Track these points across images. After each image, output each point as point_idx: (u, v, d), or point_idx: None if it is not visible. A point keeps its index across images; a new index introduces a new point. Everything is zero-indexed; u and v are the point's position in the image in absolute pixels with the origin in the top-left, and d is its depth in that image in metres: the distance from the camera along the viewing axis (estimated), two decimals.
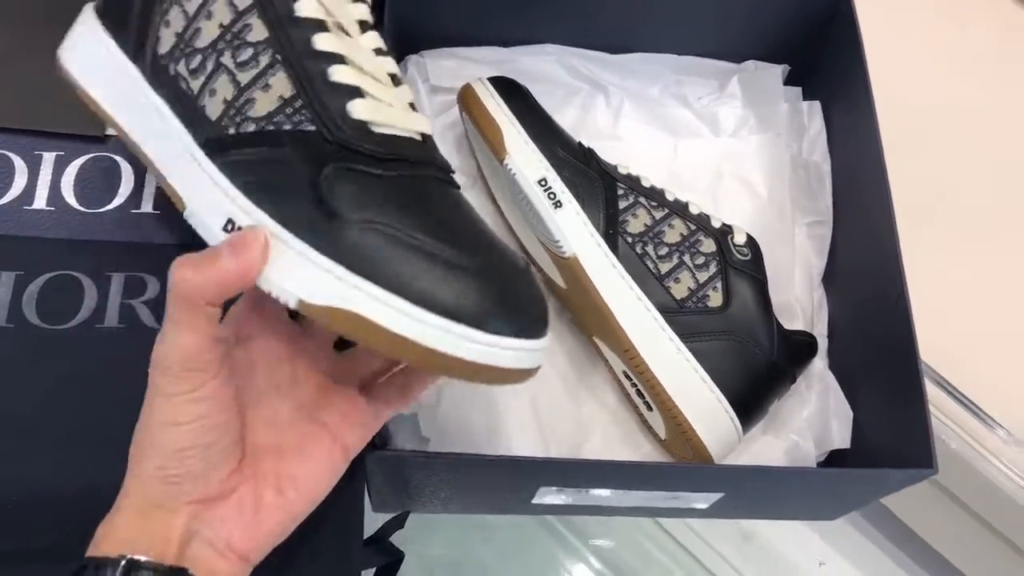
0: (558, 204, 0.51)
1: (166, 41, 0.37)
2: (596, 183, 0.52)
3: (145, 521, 0.34)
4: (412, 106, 0.38)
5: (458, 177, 0.59)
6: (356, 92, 0.36)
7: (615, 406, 0.56)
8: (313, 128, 0.35)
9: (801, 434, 0.55)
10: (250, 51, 0.36)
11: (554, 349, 0.56)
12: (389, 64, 0.38)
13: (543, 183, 0.51)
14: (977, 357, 0.68)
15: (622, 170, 0.54)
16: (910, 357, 0.48)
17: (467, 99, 0.55)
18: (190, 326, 0.33)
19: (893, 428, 0.50)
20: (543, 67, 0.61)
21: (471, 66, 0.60)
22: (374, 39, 0.39)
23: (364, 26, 0.39)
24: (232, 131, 0.36)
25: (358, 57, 0.37)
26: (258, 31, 0.36)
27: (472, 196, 0.59)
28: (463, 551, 0.71)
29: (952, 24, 0.98)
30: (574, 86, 0.62)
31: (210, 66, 0.36)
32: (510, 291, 0.34)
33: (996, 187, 0.80)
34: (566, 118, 0.59)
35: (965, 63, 0.93)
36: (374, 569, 0.50)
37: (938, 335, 0.56)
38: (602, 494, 0.49)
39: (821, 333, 0.58)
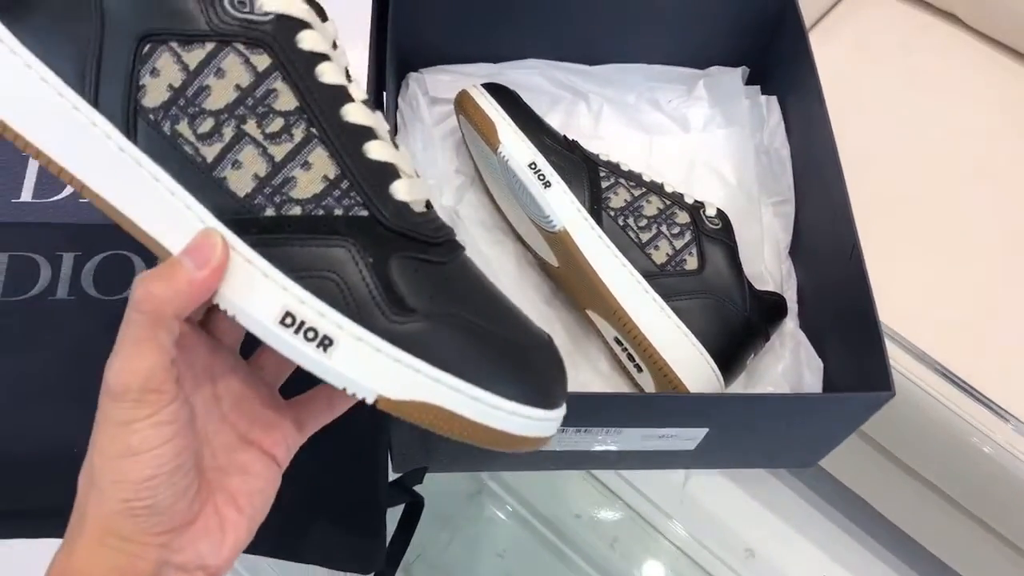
0: (547, 184, 0.58)
1: (155, 93, 0.34)
2: (580, 167, 0.59)
3: (112, 555, 0.32)
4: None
5: (456, 176, 0.67)
6: (394, 171, 0.35)
7: (608, 372, 0.62)
8: (366, 214, 0.34)
9: (778, 386, 0.60)
10: (280, 122, 0.34)
11: (552, 322, 0.62)
12: (382, 119, 0.37)
13: (533, 166, 0.58)
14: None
15: (603, 157, 0.61)
16: (866, 306, 0.54)
17: (463, 102, 0.62)
18: (153, 344, 0.32)
19: (858, 371, 0.56)
20: (529, 79, 0.69)
21: (465, 80, 0.67)
22: (361, 91, 0.37)
23: (348, 76, 0.37)
24: (271, 212, 0.33)
25: (380, 126, 0.36)
26: (286, 99, 0.34)
27: (471, 193, 0.66)
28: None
29: (900, 38, 1.08)
30: (558, 95, 0.69)
31: (229, 133, 0.34)
32: (547, 369, 0.35)
33: (936, 172, 0.90)
34: (552, 122, 0.66)
35: (909, 73, 1.03)
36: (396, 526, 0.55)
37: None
38: (601, 435, 0.54)
39: (791, 299, 0.64)
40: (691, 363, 0.56)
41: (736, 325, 0.57)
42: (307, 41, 0.34)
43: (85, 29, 0.33)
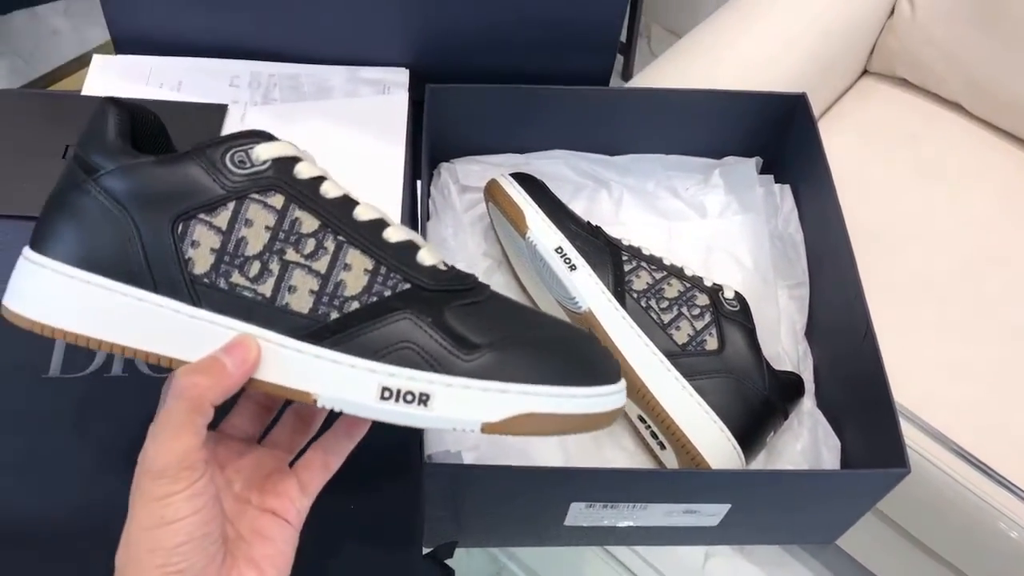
0: (573, 267, 0.61)
1: (202, 260, 0.38)
2: (604, 251, 0.62)
3: None
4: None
5: (484, 259, 0.70)
6: (414, 245, 0.41)
7: (632, 449, 0.64)
8: (409, 285, 0.39)
9: (796, 464, 0.62)
10: (312, 242, 0.39)
11: None
12: (384, 209, 0.42)
13: (559, 251, 0.61)
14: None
15: (625, 242, 0.64)
16: (881, 386, 0.56)
17: (493, 190, 0.65)
18: (191, 427, 0.36)
19: (874, 449, 0.58)
20: (554, 168, 0.73)
21: (493, 169, 0.71)
22: (358, 193, 0.42)
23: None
24: (336, 315, 0.38)
25: (386, 215, 0.41)
26: (308, 222, 0.39)
27: (499, 275, 0.69)
28: None
29: (907, 127, 1.12)
30: (580, 183, 0.73)
31: (276, 267, 0.39)
32: (597, 352, 0.41)
33: (947, 260, 0.93)
34: (576, 208, 0.70)
35: (915, 160, 1.06)
36: None
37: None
38: (627, 511, 0.56)
39: (808, 379, 0.66)
40: (713, 441, 0.58)
41: (756, 404, 0.59)
42: (304, 171, 0.40)
43: (122, 233, 0.39)
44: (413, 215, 0.65)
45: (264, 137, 0.40)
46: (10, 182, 0.60)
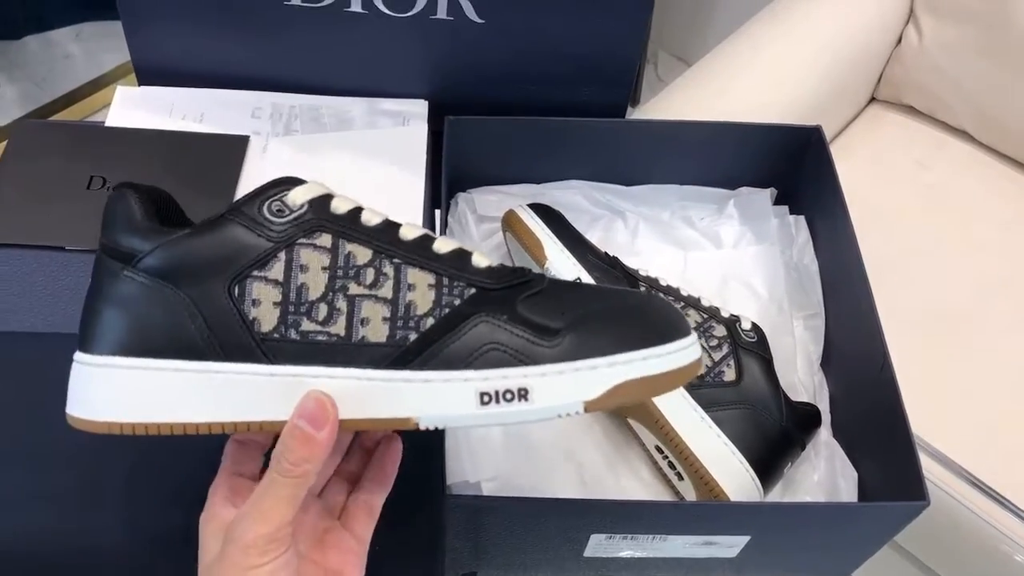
0: None
1: (266, 317, 0.38)
2: (621, 282, 0.63)
3: None
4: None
5: None
6: (465, 252, 0.41)
7: (650, 479, 0.64)
8: (475, 290, 0.40)
9: (813, 495, 0.62)
10: (371, 271, 0.39)
11: (594, 430, 0.65)
12: (423, 226, 0.46)
13: (578, 281, 0.62)
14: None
15: (642, 272, 0.64)
16: (899, 417, 0.56)
17: (511, 221, 0.66)
18: (293, 501, 0.37)
19: (891, 481, 0.58)
20: (570, 198, 0.73)
21: (510, 199, 0.72)
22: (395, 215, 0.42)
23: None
24: (413, 336, 0.38)
25: (429, 230, 0.42)
26: (361, 253, 0.40)
27: None
28: None
29: (915, 155, 1.13)
30: (596, 213, 0.74)
31: (343, 304, 0.39)
32: (664, 309, 0.42)
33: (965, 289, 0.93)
34: (592, 238, 0.70)
35: (925, 187, 1.07)
36: None
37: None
38: (646, 542, 0.56)
39: (824, 409, 0.66)
40: (731, 472, 0.58)
41: (774, 435, 0.60)
42: (340, 206, 0.40)
43: (176, 311, 0.38)
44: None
45: (293, 182, 0.40)
46: (34, 212, 0.61)
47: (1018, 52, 1.08)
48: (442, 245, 0.41)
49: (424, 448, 0.54)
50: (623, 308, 0.41)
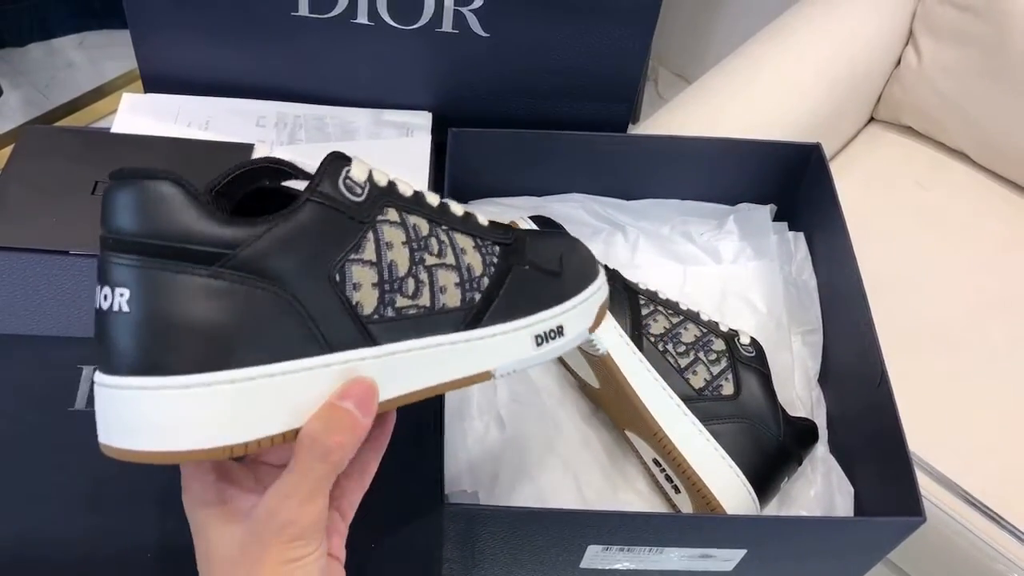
0: None
1: (367, 299, 0.37)
2: (622, 295, 0.63)
3: None
4: None
5: None
6: (470, 213, 0.43)
7: (646, 492, 0.64)
8: (498, 246, 0.43)
9: (810, 510, 0.62)
10: (434, 241, 0.40)
11: (592, 442, 0.65)
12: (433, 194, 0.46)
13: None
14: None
15: (642, 286, 0.65)
16: (896, 433, 0.57)
17: None
18: (327, 488, 0.35)
19: (888, 497, 0.58)
20: (570, 211, 0.74)
21: (511, 211, 0.72)
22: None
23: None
24: (478, 296, 0.41)
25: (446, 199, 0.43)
26: (421, 223, 0.40)
27: None
28: None
29: (914, 175, 1.14)
30: (597, 226, 0.74)
31: (424, 276, 0.39)
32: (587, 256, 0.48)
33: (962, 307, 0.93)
34: (593, 251, 0.71)
35: (922, 207, 1.08)
36: None
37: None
38: (643, 554, 0.56)
39: (821, 425, 0.66)
40: (728, 485, 0.58)
41: (771, 449, 0.60)
42: (381, 178, 0.40)
43: (272, 311, 0.35)
44: None
45: (344, 158, 0.38)
46: (38, 216, 0.61)
47: (1017, 75, 1.09)
48: (456, 209, 0.43)
49: (422, 456, 0.54)
50: (573, 247, 0.47)
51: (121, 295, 0.33)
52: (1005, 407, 0.91)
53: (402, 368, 0.38)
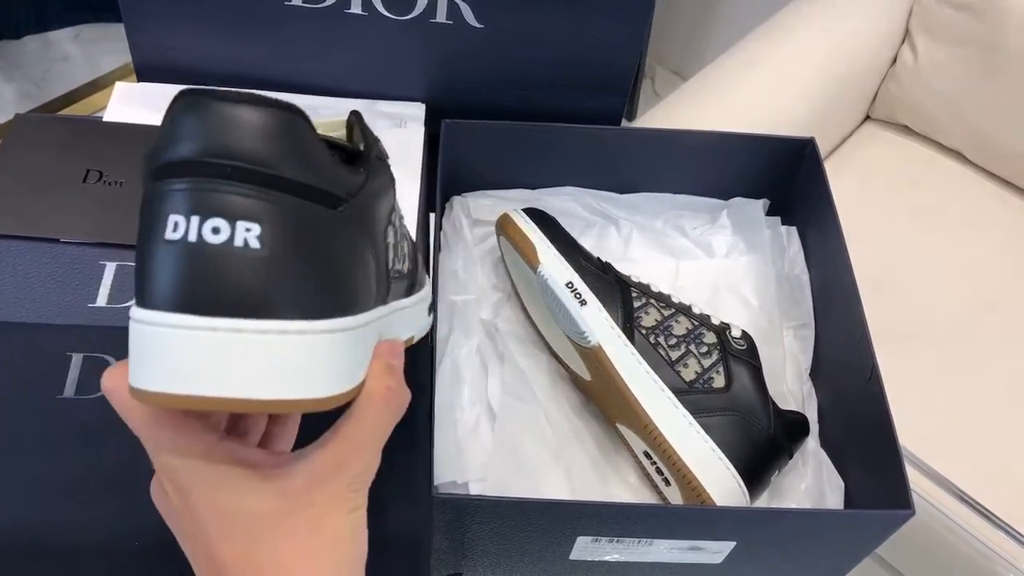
0: (583, 302, 0.61)
1: (390, 257, 0.39)
2: (613, 287, 0.63)
3: None
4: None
5: (494, 292, 0.71)
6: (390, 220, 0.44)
7: (636, 484, 0.64)
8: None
9: (800, 503, 0.62)
10: (395, 211, 0.41)
11: (583, 434, 0.65)
12: None
13: (570, 285, 0.62)
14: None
15: (634, 279, 0.65)
16: (886, 428, 0.57)
17: (505, 224, 0.66)
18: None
19: (877, 490, 0.58)
20: (564, 204, 0.74)
21: (504, 204, 0.72)
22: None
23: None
24: (409, 266, 0.43)
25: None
26: (386, 191, 0.40)
27: (508, 309, 0.70)
28: None
29: (908, 173, 1.14)
30: (590, 219, 0.74)
31: (398, 241, 0.40)
32: None
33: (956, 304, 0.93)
34: (585, 244, 0.70)
35: (916, 205, 1.08)
36: None
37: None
38: (632, 546, 0.56)
39: (812, 418, 0.66)
40: (718, 478, 0.58)
41: (762, 442, 0.60)
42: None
43: (364, 260, 0.35)
44: (426, 248, 0.66)
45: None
46: (29, 204, 0.61)
47: (1012, 74, 1.09)
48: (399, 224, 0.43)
49: (412, 447, 0.54)
50: None
51: (248, 230, 0.30)
52: (996, 404, 0.91)
53: (394, 325, 0.40)
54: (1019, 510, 0.76)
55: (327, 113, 0.69)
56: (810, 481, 0.63)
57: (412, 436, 0.54)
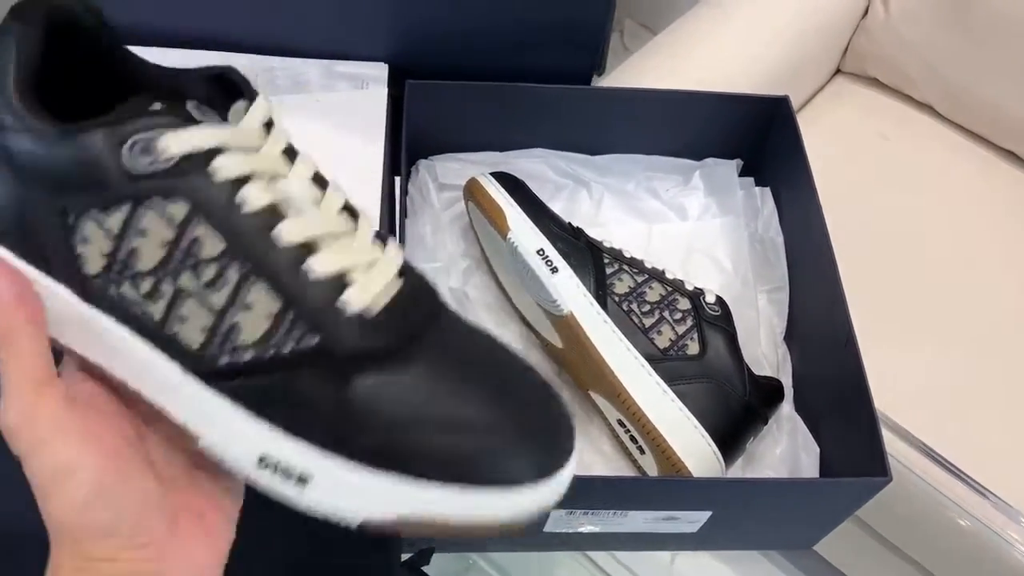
0: (554, 269, 0.60)
1: (92, 261, 0.32)
2: (585, 253, 0.61)
3: None
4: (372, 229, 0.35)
5: (463, 259, 0.69)
6: (342, 282, 0.32)
7: (610, 453, 0.63)
8: (317, 340, 0.32)
9: (775, 469, 0.62)
10: (213, 268, 0.31)
11: None
12: (335, 196, 0.34)
13: (541, 252, 0.60)
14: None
15: (607, 244, 0.63)
16: (862, 392, 0.56)
17: (473, 190, 0.64)
18: None
19: (853, 456, 0.58)
20: (533, 167, 0.72)
21: (472, 167, 0.70)
22: (307, 166, 0.34)
23: (291, 154, 0.34)
24: (226, 360, 0.32)
25: (319, 221, 0.33)
26: (211, 243, 0.31)
27: (478, 276, 0.68)
28: None
29: (879, 128, 1.13)
30: (560, 183, 0.72)
31: (168, 290, 0.32)
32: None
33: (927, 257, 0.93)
34: (555, 208, 0.69)
35: (887, 161, 1.07)
36: None
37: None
38: (607, 517, 0.55)
39: (787, 383, 0.66)
40: (693, 446, 0.57)
41: (736, 409, 0.59)
42: (222, 170, 0.31)
43: (19, 204, 0.32)
44: (392, 213, 0.64)
45: (178, 116, 0.31)
46: None
47: (983, 28, 1.08)
48: (322, 263, 0.32)
49: None
50: (480, 444, 0.34)
51: None
52: (973, 364, 0.91)
53: (106, 345, 0.33)
54: (990, 470, 0.76)
55: (284, 74, 0.67)
56: (785, 447, 0.62)
57: None
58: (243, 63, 0.66)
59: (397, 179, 0.65)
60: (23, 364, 0.31)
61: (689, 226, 0.72)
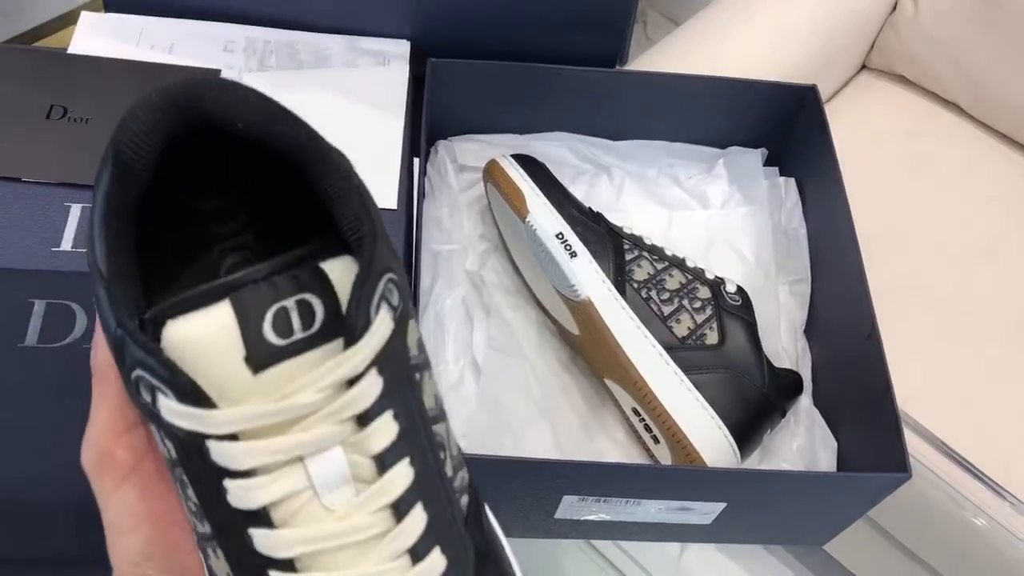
0: (573, 254, 0.59)
1: None
2: (605, 239, 0.60)
3: None
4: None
5: (481, 242, 0.68)
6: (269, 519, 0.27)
7: (624, 441, 0.62)
8: None
9: (792, 463, 0.61)
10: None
11: (571, 389, 0.63)
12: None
13: (560, 236, 0.59)
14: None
15: (627, 230, 0.62)
16: (885, 389, 0.55)
17: (493, 171, 0.63)
18: None
19: (872, 451, 0.57)
20: (554, 151, 0.71)
21: (492, 149, 0.69)
22: None
23: None
24: None
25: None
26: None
27: (495, 259, 0.67)
28: None
29: (904, 125, 1.11)
30: (581, 167, 0.71)
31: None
32: None
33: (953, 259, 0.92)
34: (576, 193, 0.68)
35: (912, 157, 1.06)
36: None
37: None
38: (619, 505, 0.54)
39: (806, 376, 0.64)
40: (709, 436, 0.56)
41: (754, 400, 0.58)
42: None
43: None
44: (410, 194, 0.63)
45: (174, 376, 0.26)
46: None
47: (1013, 26, 1.06)
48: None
49: None
50: None
51: None
52: (996, 364, 0.90)
53: None
54: (1012, 471, 0.75)
55: (306, 49, 0.66)
56: (803, 440, 0.61)
57: None
58: (267, 37, 0.66)
59: (416, 159, 0.64)
60: (110, 405, 0.31)
61: (711, 215, 0.70)
